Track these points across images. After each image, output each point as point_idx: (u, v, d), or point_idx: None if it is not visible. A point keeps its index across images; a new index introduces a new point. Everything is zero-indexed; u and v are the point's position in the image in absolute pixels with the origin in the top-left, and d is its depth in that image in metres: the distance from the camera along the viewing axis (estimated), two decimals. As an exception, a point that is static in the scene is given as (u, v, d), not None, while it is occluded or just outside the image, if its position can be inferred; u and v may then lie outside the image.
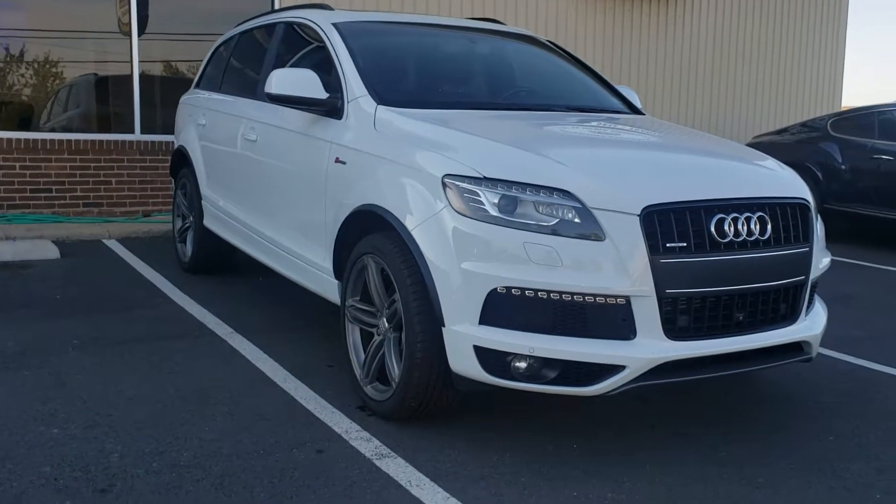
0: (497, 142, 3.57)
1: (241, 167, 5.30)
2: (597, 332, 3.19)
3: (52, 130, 8.74)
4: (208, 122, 5.95)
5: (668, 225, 3.21)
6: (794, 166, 4.38)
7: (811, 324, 3.66)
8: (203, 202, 5.98)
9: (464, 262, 3.25)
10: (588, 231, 3.17)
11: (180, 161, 6.46)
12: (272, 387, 4.08)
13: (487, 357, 3.24)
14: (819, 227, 3.78)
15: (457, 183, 3.34)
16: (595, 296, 3.15)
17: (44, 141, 8.44)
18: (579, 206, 3.20)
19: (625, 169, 3.44)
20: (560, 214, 3.21)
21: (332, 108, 4.26)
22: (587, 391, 3.22)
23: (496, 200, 3.26)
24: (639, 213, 3.18)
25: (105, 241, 7.64)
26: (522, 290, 3.17)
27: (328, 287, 4.22)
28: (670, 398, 4.05)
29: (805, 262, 3.55)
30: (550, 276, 3.15)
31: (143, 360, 4.39)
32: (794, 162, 8.97)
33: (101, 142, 8.67)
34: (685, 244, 3.22)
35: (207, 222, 5.94)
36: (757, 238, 3.36)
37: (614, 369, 3.17)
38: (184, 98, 6.77)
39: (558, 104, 4.61)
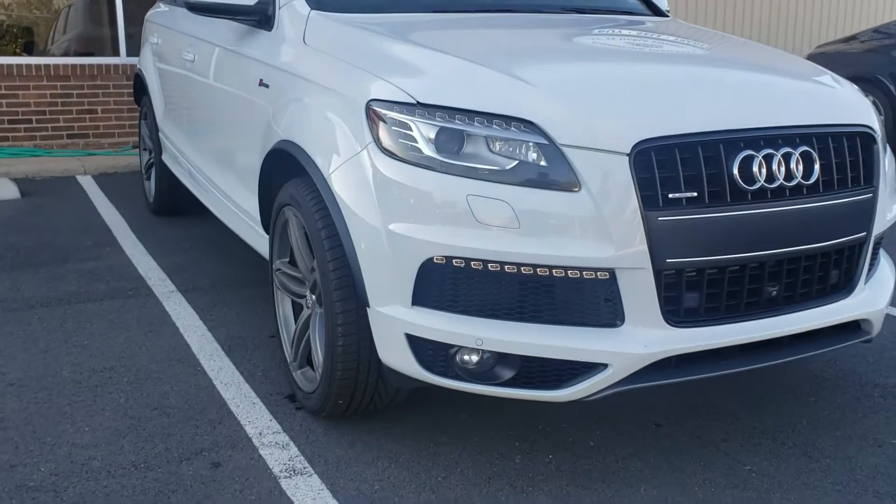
0: (444, 54, 2.65)
1: (183, 93, 4.47)
2: (569, 317, 2.32)
3: (29, 55, 7.99)
4: (160, 41, 5.09)
5: (671, 167, 2.28)
6: (863, 80, 3.35)
7: (873, 295, 2.71)
8: (160, 135, 5.18)
9: (391, 221, 2.39)
10: (557, 178, 2.27)
11: (140, 87, 5.64)
12: (191, 366, 3.32)
13: (423, 349, 2.40)
14: (888, 164, 2.79)
15: (384, 111, 2.45)
16: (566, 268, 2.27)
17: (18, 66, 7.68)
18: (545, 142, 2.29)
19: (614, 90, 2.49)
20: (519, 155, 2.31)
21: (262, 16, 3.36)
22: (555, 396, 2.36)
23: (432, 136, 2.37)
24: (628, 151, 2.26)
25: (79, 177, 6.92)
26: (467, 260, 2.30)
27: (259, 241, 3.41)
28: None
29: (867, 212, 2.59)
30: (504, 242, 2.27)
31: (50, 329, 3.66)
32: (864, 75, 7.75)
33: (82, 66, 7.89)
34: (695, 194, 2.29)
35: (165, 158, 5.14)
36: (799, 182, 2.42)
37: (593, 368, 2.31)
38: (149, 13, 5.91)
39: (552, 4, 3.62)
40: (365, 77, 2.60)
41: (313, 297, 2.84)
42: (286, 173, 2.98)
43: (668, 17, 3.89)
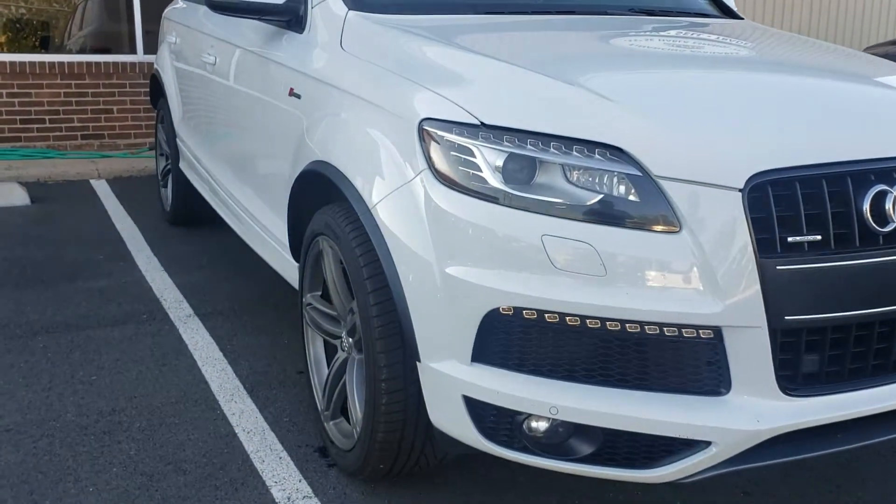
0: (511, 65, 2.26)
1: (202, 98, 4.10)
2: (663, 383, 1.93)
3: (45, 52, 7.67)
4: (179, 41, 4.73)
5: (790, 205, 1.89)
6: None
7: None
8: (178, 140, 4.82)
9: (448, 263, 2.01)
10: (652, 216, 1.89)
11: (156, 88, 5.28)
12: (210, 409, 2.95)
13: (484, 414, 2.02)
14: None
15: (441, 133, 2.07)
16: (662, 325, 1.88)
17: (31, 64, 7.36)
18: (637, 173, 1.91)
19: (718, 110, 2.09)
20: (605, 187, 1.93)
21: (292, 16, 2.98)
22: (645, 476, 1.98)
23: (500, 163, 1.99)
24: (741, 185, 1.87)
25: (93, 181, 6.58)
26: (540, 312, 1.92)
27: (286, 268, 3.04)
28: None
29: None
30: (587, 292, 1.88)
31: (56, 361, 3.31)
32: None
33: (97, 64, 7.56)
34: (819, 237, 1.90)
35: (182, 165, 4.78)
36: (940, 222, 2.02)
37: (692, 445, 1.92)
38: (166, 10, 5.55)
39: (617, 4, 3.22)
40: (416, 91, 2.22)
41: (351, 340, 2.47)
42: (321, 197, 2.61)
43: (740, 18, 3.49)
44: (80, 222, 5.35)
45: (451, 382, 2.04)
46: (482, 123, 2.03)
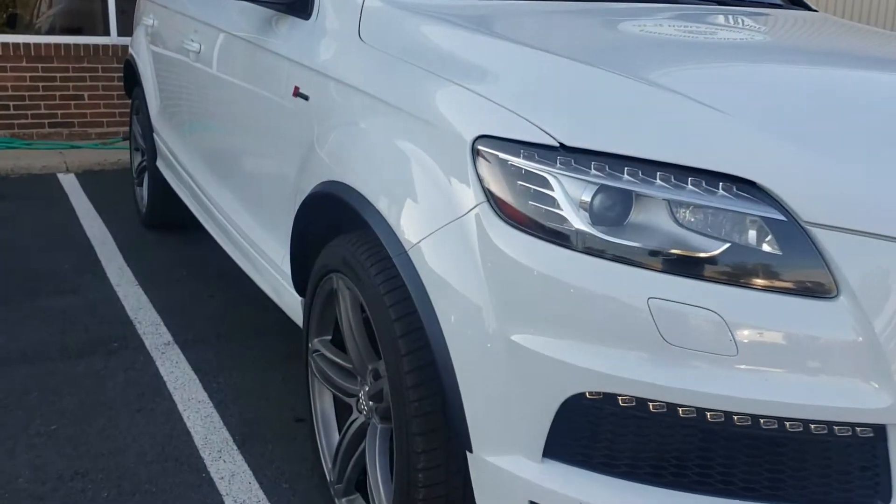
0: (592, 66, 1.76)
1: (184, 91, 3.57)
2: (802, 493, 1.46)
3: (10, 32, 7.06)
4: (157, 23, 4.19)
5: None
6: None
7: None
8: (155, 135, 4.29)
9: (515, 328, 1.53)
10: (800, 275, 1.41)
11: (131, 75, 4.73)
12: (194, 471, 2.46)
13: (561, 527, 1.54)
14: None
15: (505, 157, 1.58)
16: (807, 422, 1.41)
17: (-6, 45, 6.76)
18: (779, 217, 1.43)
19: (872, 131, 1.61)
20: (733, 234, 1.45)
21: (295, -1, 2.48)
22: None
23: (586, 198, 1.50)
24: (922, 237, 1.40)
25: (61, 175, 6.01)
26: (642, 401, 1.44)
27: (288, 301, 2.54)
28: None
29: None
30: (711, 378, 1.41)
31: (8, 405, 2.79)
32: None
33: (66, 46, 6.96)
34: None
35: (160, 163, 4.25)
36: None
37: (841, 578, 1.46)
38: (143, -12, 4.99)
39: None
40: (468, 99, 1.72)
41: (371, 404, 1.98)
42: (334, 223, 2.12)
43: (814, 10, 3.01)
44: (45, 225, 4.79)
45: (515, 483, 1.56)
46: (561, 145, 1.54)
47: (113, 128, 7.25)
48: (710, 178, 1.47)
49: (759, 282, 1.41)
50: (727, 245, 1.44)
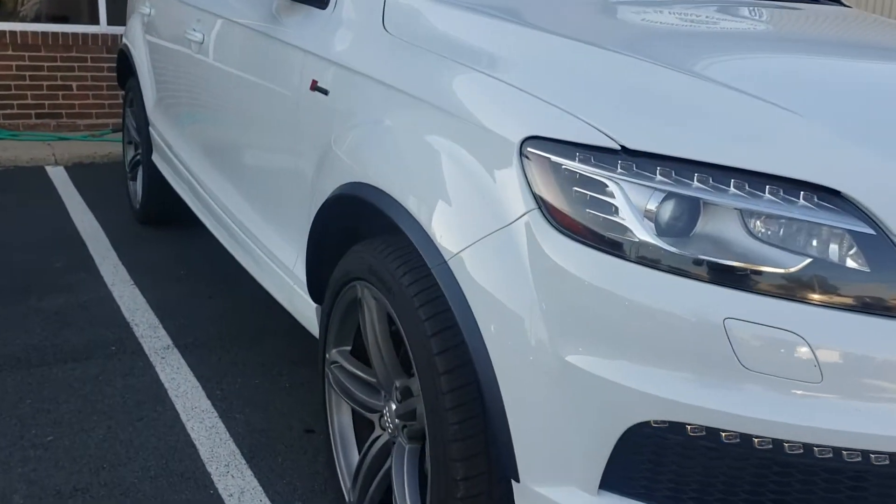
0: (651, 63, 1.63)
1: (185, 83, 3.41)
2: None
3: (-5, 19, 6.86)
4: (154, 11, 4.02)
5: None
6: None
7: None
8: (150, 129, 4.12)
9: (570, 348, 1.40)
10: (893, 295, 1.29)
11: (125, 66, 4.56)
12: (201, 487, 2.32)
13: (619, 567, 1.42)
14: None
15: (559, 160, 1.45)
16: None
17: (-21, 33, 6.56)
18: (868, 230, 1.31)
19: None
20: (814, 248, 1.32)
21: (310, -14, 2.33)
22: None
23: (653, 206, 1.37)
24: None
25: (49, 168, 5.83)
26: (713, 431, 1.32)
27: (301, 307, 2.39)
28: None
29: None
30: (792, 407, 1.29)
31: (0, 412, 2.64)
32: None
33: (55, 35, 6.76)
34: None
35: (156, 158, 4.09)
36: None
37: None
38: (137, -25, 4.81)
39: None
40: (513, 97, 1.59)
41: (398, 422, 1.85)
42: (357, 228, 1.98)
43: (846, 5, 2.89)
44: (34, 220, 4.62)
45: (568, 517, 1.43)
46: (623, 148, 1.41)
47: (102, 119, 7.06)
48: (789, 186, 1.34)
49: (846, 301, 1.29)
50: (808, 260, 1.31)
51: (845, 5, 2.86)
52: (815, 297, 1.29)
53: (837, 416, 1.27)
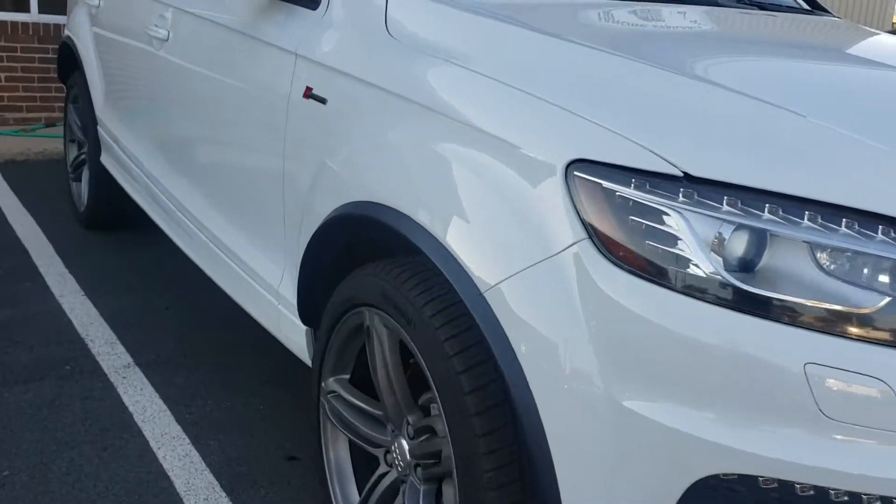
0: (707, 82, 1.52)
1: (145, 83, 3.19)
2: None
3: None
4: (104, 2, 3.77)
5: None
6: None
7: None
8: (99, 129, 3.88)
9: (627, 391, 1.29)
10: (979, 338, 1.21)
11: (69, 60, 4.29)
12: (179, 526, 2.14)
13: None
14: None
15: (613, 186, 1.34)
16: None
17: None
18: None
19: None
20: (893, 286, 1.23)
21: (298, -16, 2.17)
22: None
23: (721, 238, 1.27)
24: None
25: (-21, 166, 5.49)
26: (788, 484, 1.22)
27: (289, 330, 2.23)
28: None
29: None
30: (876, 458, 1.20)
31: (-52, 443, 2.41)
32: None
33: (-17, 23, 6.40)
34: None
35: (106, 160, 3.84)
36: None
37: None
38: (79, -38, 4.53)
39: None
40: (555, 116, 1.46)
41: (410, 460, 1.71)
42: (357, 247, 1.83)
43: (836, 17, 2.85)
44: (-32, 223, 4.32)
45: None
46: (686, 175, 1.30)
47: (34, 113, 6.71)
48: (866, 219, 1.25)
49: (934, 342, 1.21)
50: (887, 299, 1.22)
51: (834, 15, 2.82)
52: (897, 339, 1.21)
53: (925, 468, 1.19)
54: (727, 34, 2.07)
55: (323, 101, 1.95)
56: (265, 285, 2.28)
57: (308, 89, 2.01)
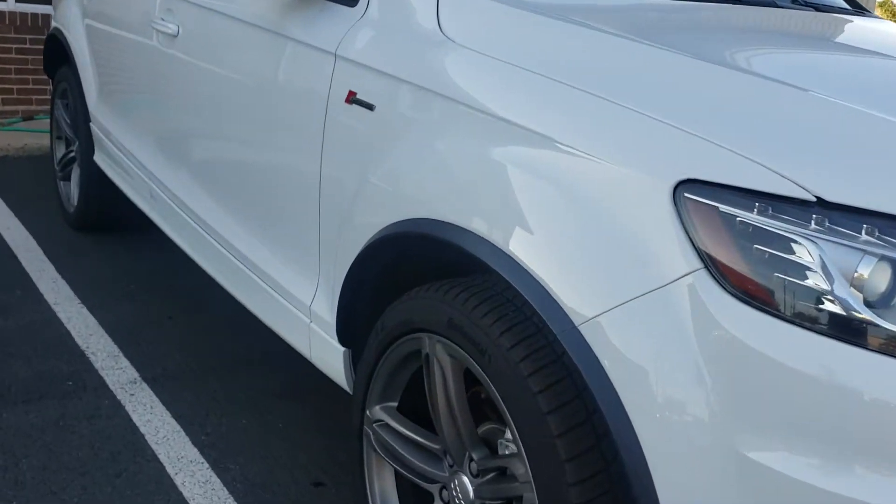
0: (825, 97, 1.39)
1: (151, 81, 3.00)
2: None
3: None
4: (98, -7, 3.57)
5: None
6: None
7: None
8: (92, 126, 3.68)
9: (752, 442, 1.17)
10: None
11: (57, 53, 4.07)
12: (207, 563, 1.98)
13: None
14: None
15: (730, 210, 1.20)
16: None
17: None
18: None
19: None
20: None
21: (334, -22, 2.01)
22: None
23: (861, 271, 1.14)
24: None
25: (-44, 162, 5.25)
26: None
27: (322, 350, 2.08)
28: None
29: None
30: None
31: (-52, 471, 2.23)
32: None
33: (-43, 12, 6.13)
34: None
35: (100, 159, 3.65)
36: None
37: None
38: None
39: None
40: (658, 131, 1.33)
41: (472, 499, 1.57)
42: (410, 265, 1.69)
43: (872, 14, 2.74)
44: (-51, 224, 4.10)
45: None
46: (819, 200, 1.17)
47: (10, 106, 6.46)
48: None
49: None
50: None
51: (864, 11, 2.71)
52: None
53: None
54: (822, 40, 1.94)
55: (370, 107, 1.80)
56: (295, 301, 2.13)
57: (351, 93, 1.85)
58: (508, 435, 1.54)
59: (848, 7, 2.58)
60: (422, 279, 1.70)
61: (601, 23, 1.67)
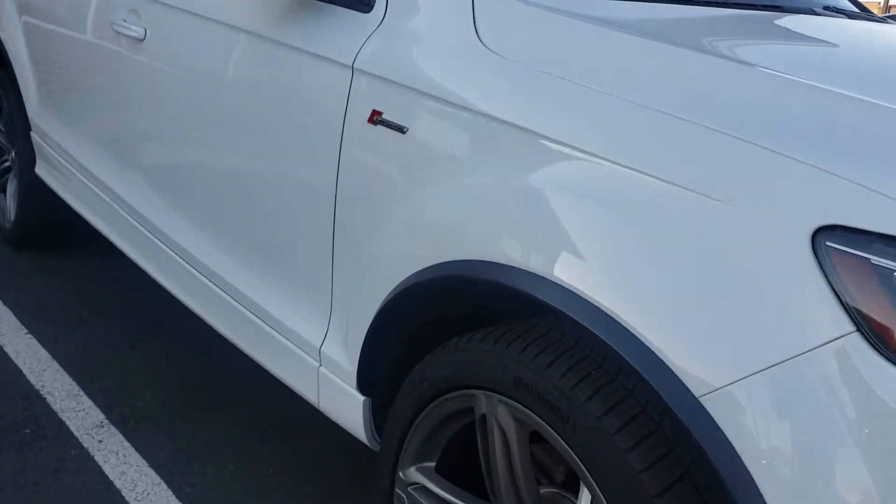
0: None
1: (107, 88, 2.70)
2: None
3: None
4: (39, -12, 3.23)
5: None
6: None
7: None
8: (33, 135, 3.34)
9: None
10: None
11: (-12, 54, 3.71)
12: None
13: None
14: None
15: (883, 262, 1.03)
16: None
17: None
18: None
19: None
20: None
21: (345, -22, 1.78)
22: None
23: None
24: None
25: None
26: None
27: (335, 398, 1.85)
28: None
29: None
30: None
31: None
32: None
33: None
34: None
35: (42, 171, 3.32)
36: None
37: None
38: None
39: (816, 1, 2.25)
40: (780, 165, 1.14)
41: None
42: (451, 312, 1.48)
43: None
44: None
45: None
46: None
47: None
48: None
49: None
50: None
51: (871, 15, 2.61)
52: None
53: None
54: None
55: (401, 129, 1.57)
56: (301, 343, 1.89)
57: (376, 113, 1.62)
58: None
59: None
60: (443, 321, 1.51)
61: (664, 38, 1.48)
